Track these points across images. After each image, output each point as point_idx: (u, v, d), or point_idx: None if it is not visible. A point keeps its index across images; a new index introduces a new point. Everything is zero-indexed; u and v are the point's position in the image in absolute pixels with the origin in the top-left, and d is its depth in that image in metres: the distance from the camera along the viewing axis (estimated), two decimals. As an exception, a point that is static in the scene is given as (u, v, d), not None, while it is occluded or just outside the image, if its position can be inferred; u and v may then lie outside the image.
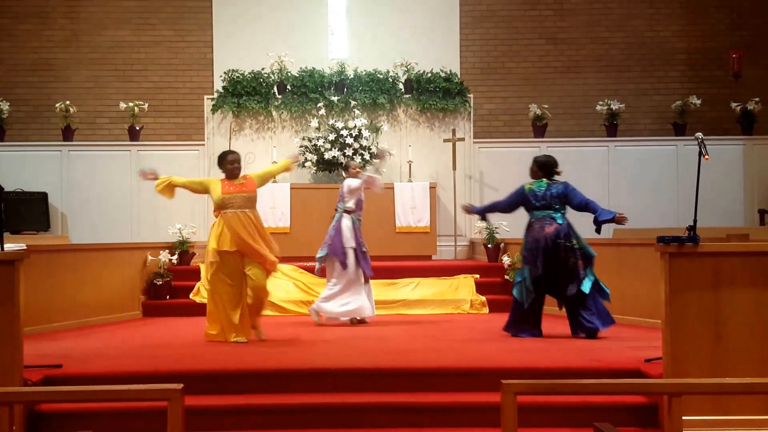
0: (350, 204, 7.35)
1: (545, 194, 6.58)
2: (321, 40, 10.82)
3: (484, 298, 8.25)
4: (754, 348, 4.53)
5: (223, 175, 6.54)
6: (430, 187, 9.84)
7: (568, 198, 6.57)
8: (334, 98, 10.39)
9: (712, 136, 9.43)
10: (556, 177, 6.72)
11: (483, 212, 7.19)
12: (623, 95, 10.81)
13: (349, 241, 7.20)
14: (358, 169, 7.64)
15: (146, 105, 10.47)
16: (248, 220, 6.28)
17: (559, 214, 6.52)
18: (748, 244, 5.52)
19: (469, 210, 7.17)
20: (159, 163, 10.37)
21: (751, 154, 10.39)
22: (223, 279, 6.20)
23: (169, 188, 6.49)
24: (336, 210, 7.46)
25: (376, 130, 10.39)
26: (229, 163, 6.48)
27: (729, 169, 10.28)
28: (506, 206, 6.88)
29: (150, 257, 8.56)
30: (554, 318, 8.00)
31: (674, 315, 4.55)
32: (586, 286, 6.36)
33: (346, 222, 7.29)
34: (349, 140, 10.06)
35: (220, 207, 6.33)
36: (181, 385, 3.59)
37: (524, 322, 6.48)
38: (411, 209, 9.76)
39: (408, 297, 8.40)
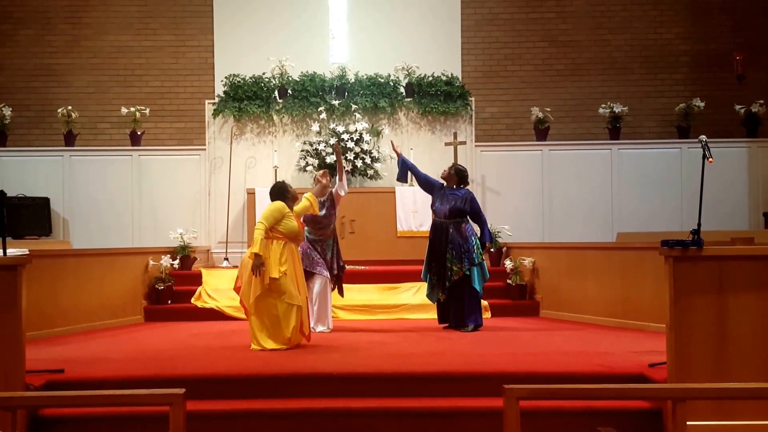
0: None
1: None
2: (322, 44, 10.83)
3: (486, 303, 8.21)
4: (759, 352, 4.50)
5: (268, 200, 6.50)
6: (433, 191, 9.81)
7: None
8: (335, 102, 10.39)
9: (716, 138, 9.41)
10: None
11: (405, 168, 7.55)
12: (626, 98, 10.79)
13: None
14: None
15: (147, 110, 10.48)
16: (296, 252, 6.35)
17: None
18: (752, 247, 5.48)
19: (399, 153, 7.64)
20: (160, 168, 10.45)
21: (755, 157, 10.36)
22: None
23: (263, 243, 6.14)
24: None
25: (377, 133, 10.38)
26: (292, 188, 6.47)
27: (733, 171, 10.25)
28: (425, 182, 7.50)
29: (151, 262, 8.56)
30: (551, 321, 7.98)
31: (678, 319, 4.53)
32: None
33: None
34: (350, 144, 10.05)
35: (286, 236, 6.18)
36: (182, 390, 3.58)
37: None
38: (412, 213, 9.75)
39: (409, 302, 8.38)
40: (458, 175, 7.36)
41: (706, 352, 4.50)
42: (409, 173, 7.60)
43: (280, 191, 6.42)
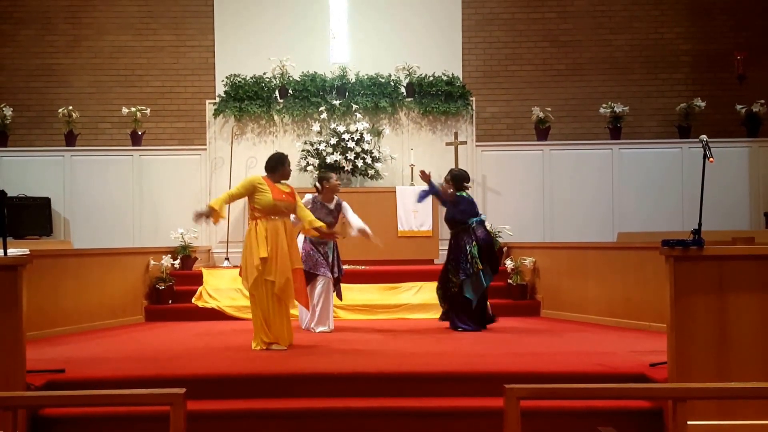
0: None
1: (474, 201, 7.41)
2: (323, 44, 10.83)
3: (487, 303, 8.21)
4: (759, 352, 4.50)
5: (257, 174, 6.39)
6: (433, 191, 9.80)
7: None
8: (336, 102, 10.39)
9: (716, 138, 9.40)
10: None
11: (431, 193, 7.38)
12: (627, 98, 10.79)
13: None
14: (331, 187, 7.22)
15: (148, 110, 10.49)
16: (284, 228, 6.13)
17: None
18: (753, 247, 5.48)
19: (428, 179, 7.30)
20: (161, 168, 10.45)
21: (756, 157, 10.36)
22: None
23: (225, 205, 6.15)
24: None
25: (377, 133, 10.38)
26: (289, 166, 6.37)
27: (734, 171, 10.25)
28: (471, 213, 7.30)
29: (152, 262, 8.56)
30: (552, 321, 7.97)
31: (679, 319, 4.52)
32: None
33: (301, 237, 7.12)
34: (351, 144, 10.05)
35: (265, 212, 6.10)
36: (183, 390, 3.58)
37: (474, 316, 7.11)
38: (413, 213, 9.74)
39: (410, 301, 8.37)
40: (454, 180, 7.35)
41: (707, 351, 4.49)
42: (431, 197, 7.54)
43: (277, 163, 6.28)
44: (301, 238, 7.10)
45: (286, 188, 6.27)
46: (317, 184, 7.36)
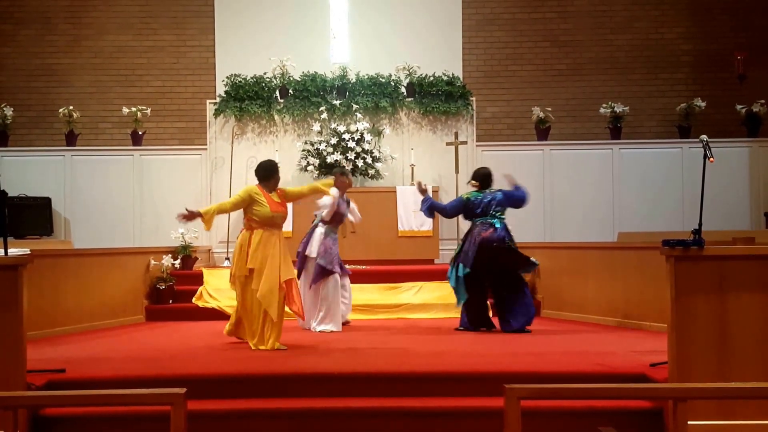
0: (325, 214, 7.16)
1: (482, 203, 7.15)
2: (323, 44, 10.83)
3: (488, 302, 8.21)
4: (760, 352, 4.50)
5: (251, 181, 6.46)
6: (433, 191, 9.79)
7: (509, 199, 7.27)
8: (336, 102, 10.39)
9: (717, 138, 9.39)
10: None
11: (431, 208, 7.42)
12: (627, 98, 10.79)
13: (312, 252, 7.08)
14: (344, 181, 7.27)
15: (149, 110, 10.49)
16: (279, 240, 6.10)
17: (497, 220, 7.15)
18: (753, 247, 5.48)
19: (423, 191, 7.42)
20: (161, 168, 10.46)
21: (756, 157, 10.36)
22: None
23: (214, 216, 6.18)
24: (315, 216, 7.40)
25: (378, 133, 10.38)
26: (278, 173, 6.32)
27: (734, 171, 10.25)
28: (449, 213, 7.44)
29: (153, 262, 8.57)
30: (552, 321, 7.98)
31: (680, 319, 4.53)
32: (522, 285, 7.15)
33: (319, 231, 7.18)
34: (351, 144, 10.06)
35: (262, 223, 6.12)
36: (183, 390, 3.59)
37: (469, 316, 7.10)
38: (413, 213, 9.73)
39: (410, 301, 8.38)
40: (474, 179, 7.40)
41: (707, 351, 4.49)
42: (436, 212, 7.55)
43: (269, 171, 6.27)
44: (319, 235, 7.08)
45: (277, 198, 6.25)
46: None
